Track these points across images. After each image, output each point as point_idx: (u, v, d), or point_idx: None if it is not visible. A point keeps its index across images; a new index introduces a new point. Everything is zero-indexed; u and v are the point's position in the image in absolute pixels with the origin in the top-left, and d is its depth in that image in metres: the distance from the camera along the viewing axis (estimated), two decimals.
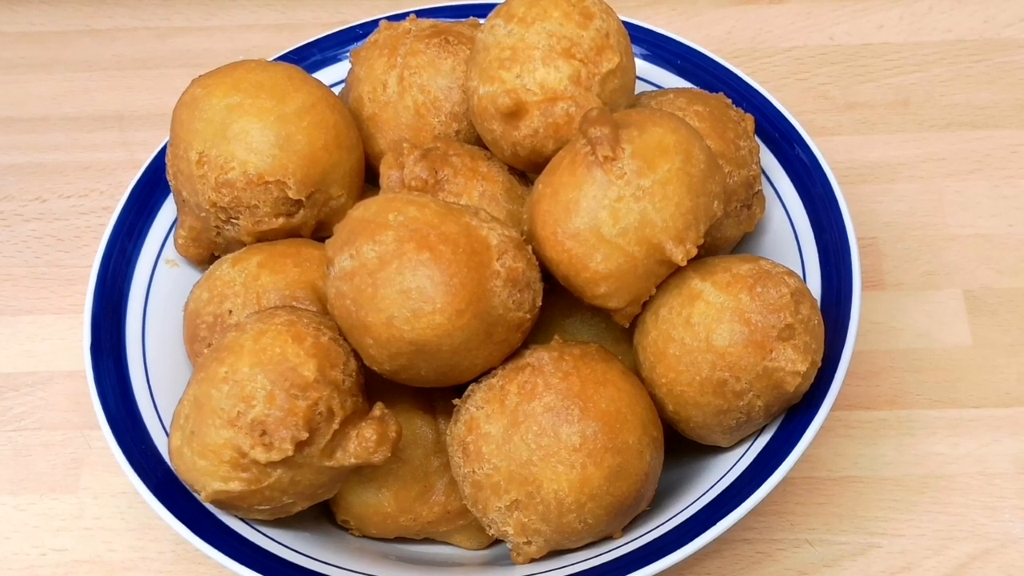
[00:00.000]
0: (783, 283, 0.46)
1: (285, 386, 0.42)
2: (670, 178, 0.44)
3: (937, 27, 0.73)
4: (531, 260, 0.45)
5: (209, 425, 0.43)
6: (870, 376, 0.58)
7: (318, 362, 0.43)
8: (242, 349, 0.44)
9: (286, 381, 0.43)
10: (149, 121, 0.72)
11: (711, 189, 0.46)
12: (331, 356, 0.44)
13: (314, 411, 0.43)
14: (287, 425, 0.42)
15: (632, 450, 0.45)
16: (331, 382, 0.43)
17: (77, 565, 0.54)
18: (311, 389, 0.43)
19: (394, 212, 0.44)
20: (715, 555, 0.53)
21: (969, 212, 0.64)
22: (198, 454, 0.44)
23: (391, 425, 0.45)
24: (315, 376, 0.43)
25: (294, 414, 0.42)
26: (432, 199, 0.45)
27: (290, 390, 0.42)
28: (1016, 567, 0.52)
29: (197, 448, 0.44)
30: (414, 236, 0.43)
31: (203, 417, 0.43)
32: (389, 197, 0.45)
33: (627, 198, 0.44)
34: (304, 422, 0.42)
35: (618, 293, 0.46)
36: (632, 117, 0.46)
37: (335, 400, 0.43)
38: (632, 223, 0.44)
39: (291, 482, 0.44)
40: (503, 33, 0.48)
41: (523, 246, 0.45)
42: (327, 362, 0.44)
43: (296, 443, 0.42)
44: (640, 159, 0.44)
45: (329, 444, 0.44)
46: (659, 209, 0.44)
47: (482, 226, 0.44)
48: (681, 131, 0.45)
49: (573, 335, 0.50)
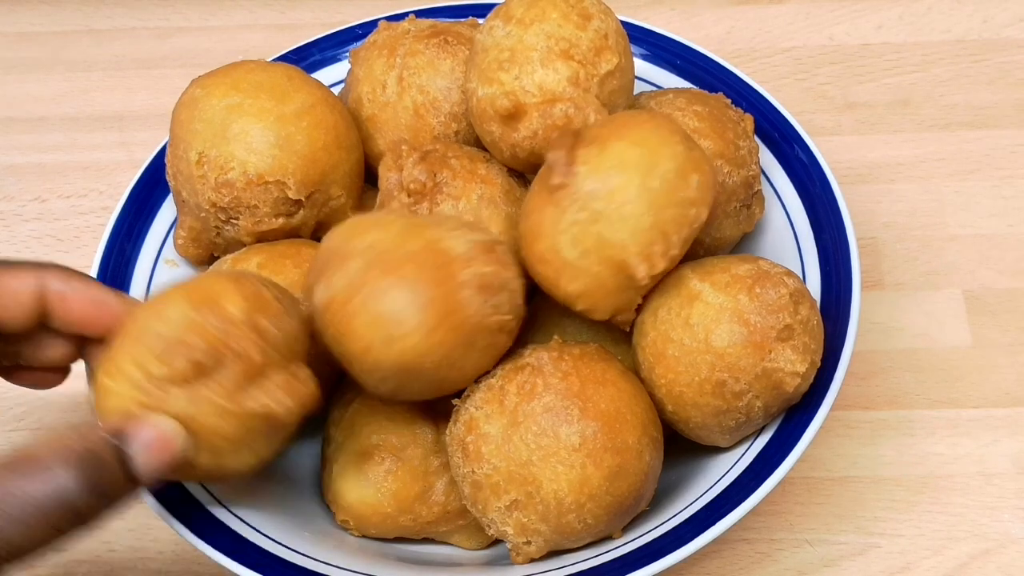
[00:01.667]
0: (782, 284, 0.46)
1: (204, 313, 0.41)
2: (627, 197, 0.44)
3: (936, 27, 0.73)
4: (504, 260, 0.45)
5: (122, 344, 0.41)
6: (870, 376, 0.58)
7: (248, 305, 0.42)
8: (185, 285, 0.42)
9: (207, 310, 0.41)
10: (148, 121, 0.72)
11: (683, 197, 0.45)
12: (265, 306, 0.42)
13: (225, 344, 0.41)
14: (190, 345, 0.40)
15: (632, 450, 0.45)
16: (256, 327, 0.42)
17: (76, 565, 0.54)
18: (229, 324, 0.41)
19: (359, 238, 0.43)
20: (715, 555, 0.53)
21: (969, 212, 0.64)
22: (106, 373, 0.41)
23: (308, 384, 0.43)
24: (239, 315, 0.41)
25: (202, 338, 0.40)
26: (398, 216, 0.45)
27: (207, 317, 0.41)
28: (1016, 567, 0.52)
29: (107, 368, 0.41)
30: (378, 261, 0.42)
31: (121, 339, 0.42)
32: (355, 221, 0.45)
33: (583, 222, 0.44)
34: (208, 348, 0.41)
35: (597, 309, 0.46)
36: (598, 132, 0.45)
37: (255, 346, 0.41)
38: (591, 246, 0.44)
39: (190, 418, 0.41)
40: (501, 35, 0.48)
41: (494, 248, 0.44)
42: (258, 308, 0.42)
43: (194, 365, 0.40)
44: (595, 180, 0.44)
45: (236, 388, 0.41)
46: (617, 229, 0.44)
47: (448, 236, 0.44)
48: (647, 143, 0.44)
49: (573, 335, 0.50)
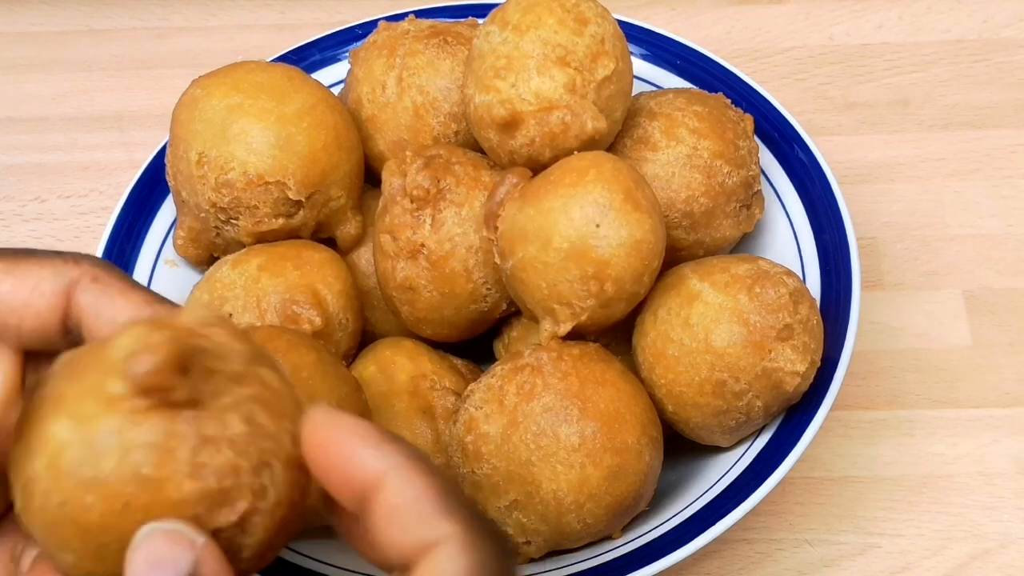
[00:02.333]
0: (782, 283, 0.46)
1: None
2: (523, 265, 0.45)
3: (936, 27, 0.73)
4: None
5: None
6: (869, 376, 0.58)
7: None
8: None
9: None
10: (148, 121, 0.72)
11: (576, 273, 0.44)
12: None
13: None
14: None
15: (631, 450, 0.45)
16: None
17: None
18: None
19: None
20: (714, 555, 0.53)
21: (969, 212, 0.64)
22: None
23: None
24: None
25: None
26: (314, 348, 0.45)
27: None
28: (1016, 567, 0.52)
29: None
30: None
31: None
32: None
33: (507, 276, 0.47)
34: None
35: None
36: (536, 186, 0.46)
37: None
38: (516, 296, 0.47)
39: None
40: (498, 41, 0.48)
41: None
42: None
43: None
44: (504, 242, 0.46)
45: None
46: (520, 292, 0.46)
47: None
48: (551, 213, 0.44)
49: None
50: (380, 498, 0.28)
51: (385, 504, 0.28)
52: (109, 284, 0.33)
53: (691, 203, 0.50)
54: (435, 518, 0.28)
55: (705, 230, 0.51)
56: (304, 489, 0.30)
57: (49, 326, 0.33)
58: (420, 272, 0.49)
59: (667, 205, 0.50)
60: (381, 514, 0.28)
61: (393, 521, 0.28)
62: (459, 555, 0.27)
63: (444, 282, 0.49)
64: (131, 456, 0.27)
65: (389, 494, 0.28)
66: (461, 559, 0.27)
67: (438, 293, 0.49)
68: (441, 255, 0.49)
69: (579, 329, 0.46)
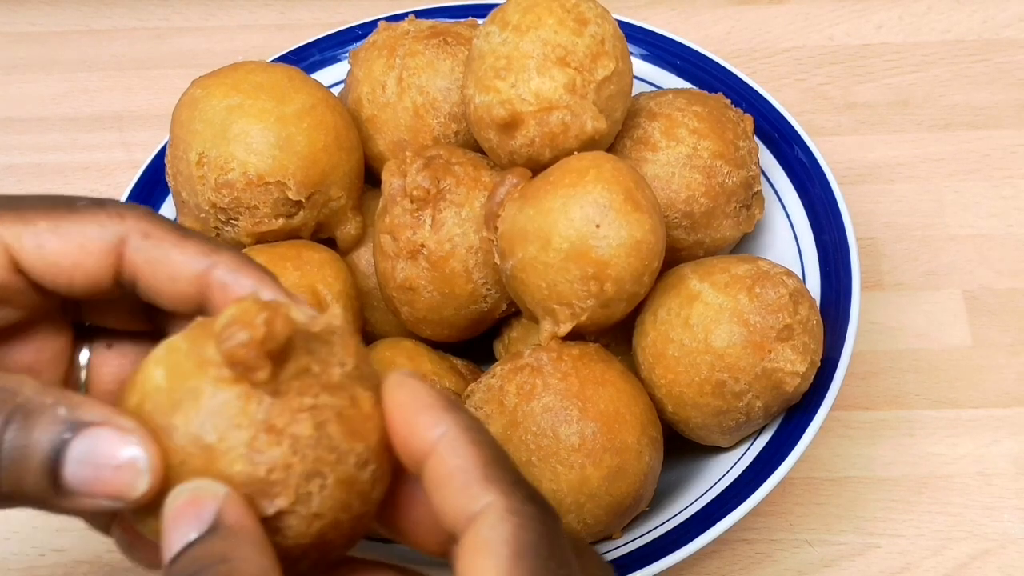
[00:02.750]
0: (781, 284, 0.46)
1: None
2: (523, 265, 0.45)
3: (936, 27, 0.73)
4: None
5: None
6: (869, 376, 0.58)
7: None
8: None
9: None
10: (148, 122, 0.72)
11: (576, 273, 0.44)
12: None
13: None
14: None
15: (631, 451, 0.45)
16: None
17: (77, 566, 0.54)
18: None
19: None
20: (714, 555, 0.53)
21: (968, 212, 0.64)
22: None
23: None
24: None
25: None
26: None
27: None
28: (1015, 567, 0.52)
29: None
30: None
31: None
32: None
33: (507, 276, 0.47)
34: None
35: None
36: (536, 186, 0.46)
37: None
38: (516, 296, 0.47)
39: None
40: (498, 41, 0.48)
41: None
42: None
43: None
44: (504, 242, 0.46)
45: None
46: (520, 292, 0.46)
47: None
48: (551, 213, 0.44)
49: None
50: (428, 465, 0.29)
51: (431, 472, 0.29)
52: (161, 239, 0.33)
53: (691, 203, 0.50)
54: (477, 486, 0.28)
55: (705, 230, 0.51)
56: (357, 517, 0.30)
57: (100, 282, 0.33)
58: (420, 272, 0.49)
59: (667, 205, 0.50)
60: (428, 482, 0.29)
61: (438, 490, 0.28)
62: (500, 524, 0.27)
63: (444, 282, 0.49)
64: (200, 420, 0.28)
65: (436, 462, 0.28)
66: (502, 528, 0.27)
67: (438, 293, 0.49)
68: (441, 255, 0.49)
69: (579, 329, 0.46)
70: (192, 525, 0.27)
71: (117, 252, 0.33)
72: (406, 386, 0.30)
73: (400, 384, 0.30)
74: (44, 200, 0.33)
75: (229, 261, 0.33)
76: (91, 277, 0.33)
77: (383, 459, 0.30)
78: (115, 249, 0.32)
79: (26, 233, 0.32)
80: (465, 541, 0.28)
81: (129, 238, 0.33)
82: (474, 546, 0.27)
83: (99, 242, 0.32)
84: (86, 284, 0.33)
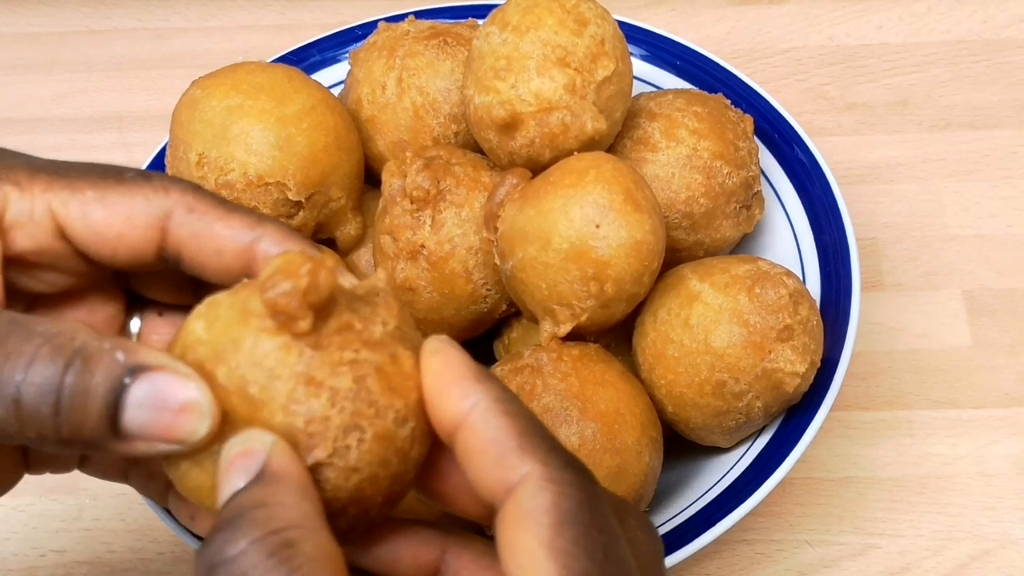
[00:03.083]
0: (781, 284, 0.46)
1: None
2: (523, 266, 0.45)
3: (936, 28, 0.73)
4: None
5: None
6: (869, 377, 0.58)
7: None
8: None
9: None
10: (148, 122, 0.72)
11: (576, 274, 0.44)
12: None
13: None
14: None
15: (631, 451, 0.45)
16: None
17: (76, 566, 0.54)
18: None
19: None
20: (714, 555, 0.53)
21: (968, 212, 0.64)
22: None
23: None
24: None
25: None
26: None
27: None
28: (1015, 568, 0.52)
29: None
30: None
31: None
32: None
33: (507, 277, 0.46)
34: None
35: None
36: (536, 187, 0.46)
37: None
38: (516, 297, 0.47)
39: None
40: (498, 42, 0.48)
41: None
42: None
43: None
44: (504, 243, 0.46)
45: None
46: (520, 293, 0.46)
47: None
48: (551, 213, 0.44)
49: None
50: (460, 437, 0.29)
51: (463, 444, 0.29)
52: (204, 212, 0.33)
53: (691, 204, 0.50)
54: (513, 457, 0.28)
55: (705, 231, 0.51)
56: (395, 475, 0.30)
57: (143, 254, 0.33)
58: (420, 273, 0.49)
59: (667, 206, 0.50)
60: (460, 453, 0.29)
61: (471, 462, 0.28)
62: (539, 493, 0.27)
63: (444, 283, 0.49)
64: (241, 370, 0.28)
65: (468, 434, 0.28)
66: (542, 497, 0.27)
67: (438, 294, 0.49)
68: (441, 256, 0.49)
69: (579, 330, 0.46)
70: (240, 475, 0.27)
71: (161, 226, 0.33)
72: (441, 354, 0.30)
73: (435, 352, 0.30)
74: (94, 169, 0.33)
75: (274, 233, 0.33)
76: (134, 249, 0.33)
77: (422, 419, 0.30)
78: (159, 223, 0.33)
79: (73, 201, 0.33)
80: (505, 512, 0.28)
81: (174, 212, 0.33)
82: (515, 517, 0.27)
83: (144, 215, 0.33)
84: (129, 256, 0.33)
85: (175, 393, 0.28)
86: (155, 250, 0.33)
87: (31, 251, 0.33)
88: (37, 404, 0.28)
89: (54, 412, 0.28)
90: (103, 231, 0.33)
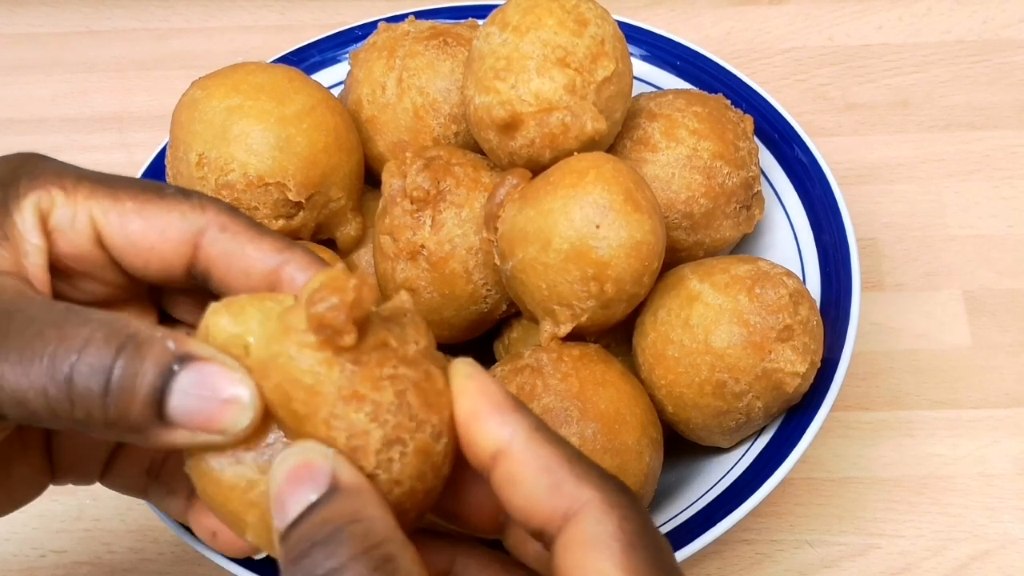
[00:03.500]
0: (782, 284, 0.46)
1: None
2: (523, 266, 0.45)
3: (936, 28, 0.73)
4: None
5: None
6: (869, 377, 0.58)
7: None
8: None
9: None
10: (148, 122, 0.72)
11: (576, 274, 0.44)
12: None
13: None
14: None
15: (631, 451, 0.45)
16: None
17: (76, 567, 0.54)
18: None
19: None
20: (715, 556, 0.53)
21: (969, 213, 0.64)
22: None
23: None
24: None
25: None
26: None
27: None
28: (1016, 568, 0.52)
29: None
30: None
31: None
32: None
33: (507, 277, 0.47)
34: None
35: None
36: (536, 187, 0.46)
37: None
38: (516, 297, 0.47)
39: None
40: (498, 42, 0.48)
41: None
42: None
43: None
44: (504, 243, 0.46)
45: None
46: (520, 293, 0.46)
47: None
48: (551, 214, 0.44)
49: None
50: (502, 467, 0.29)
51: (508, 473, 0.29)
52: (237, 232, 0.34)
53: (691, 204, 0.50)
54: (570, 485, 0.29)
55: (705, 231, 0.51)
56: (428, 491, 0.30)
57: (173, 270, 0.34)
58: (420, 273, 0.49)
59: (667, 206, 0.50)
60: (504, 482, 0.29)
61: (519, 490, 0.29)
62: (605, 517, 0.28)
63: (444, 283, 0.49)
64: (285, 386, 0.29)
65: (512, 464, 0.29)
66: (608, 521, 0.28)
67: (438, 294, 0.49)
68: (441, 256, 0.49)
69: (579, 330, 0.46)
70: (309, 487, 0.27)
71: (194, 242, 0.34)
72: (475, 379, 0.30)
73: (470, 376, 0.30)
74: (136, 183, 0.35)
75: (301, 259, 0.34)
76: (166, 262, 0.34)
77: (453, 435, 0.30)
78: (192, 239, 0.34)
79: (114, 210, 0.34)
80: (569, 538, 0.28)
81: (208, 230, 0.34)
82: (581, 542, 0.28)
83: (179, 230, 0.34)
84: (160, 268, 0.34)
85: (221, 383, 0.29)
86: (185, 265, 0.34)
87: (70, 255, 0.34)
88: (88, 384, 0.29)
89: (103, 392, 0.29)
90: (138, 241, 0.34)
